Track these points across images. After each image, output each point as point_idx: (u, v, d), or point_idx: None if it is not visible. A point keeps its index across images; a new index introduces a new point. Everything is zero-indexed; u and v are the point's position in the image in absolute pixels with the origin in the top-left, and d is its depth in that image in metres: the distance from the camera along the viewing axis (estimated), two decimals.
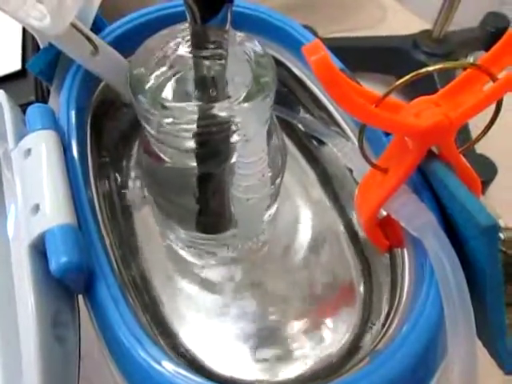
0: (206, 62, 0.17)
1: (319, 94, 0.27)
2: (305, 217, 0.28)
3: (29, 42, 0.39)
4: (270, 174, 0.22)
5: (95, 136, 0.26)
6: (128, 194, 0.27)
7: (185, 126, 0.18)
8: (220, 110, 0.18)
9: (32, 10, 0.22)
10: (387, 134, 0.22)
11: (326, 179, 0.29)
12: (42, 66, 0.25)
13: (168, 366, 0.16)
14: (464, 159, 0.19)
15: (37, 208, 0.18)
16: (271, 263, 0.27)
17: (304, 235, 0.27)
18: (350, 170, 0.27)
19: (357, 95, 0.16)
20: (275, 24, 0.27)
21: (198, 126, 0.18)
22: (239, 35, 0.19)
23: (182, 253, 0.26)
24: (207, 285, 0.26)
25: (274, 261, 0.27)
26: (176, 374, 0.16)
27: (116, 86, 0.27)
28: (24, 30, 0.39)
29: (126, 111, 0.29)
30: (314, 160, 0.29)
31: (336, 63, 0.25)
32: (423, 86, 0.24)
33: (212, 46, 0.17)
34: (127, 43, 0.26)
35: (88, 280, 0.18)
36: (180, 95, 0.18)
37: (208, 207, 0.24)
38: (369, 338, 0.22)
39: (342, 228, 0.27)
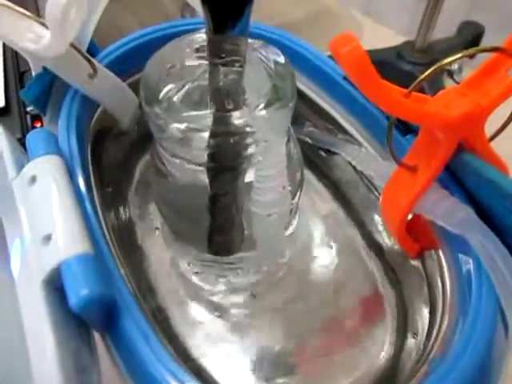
0: (223, 70, 0.17)
1: (323, 105, 0.26)
2: (321, 233, 0.27)
3: (11, 78, 0.37)
4: (289, 188, 0.20)
5: (96, 166, 0.24)
6: (135, 224, 0.25)
7: (199, 135, 0.17)
8: (236, 118, 0.17)
9: (27, 32, 0.21)
10: (405, 134, 0.21)
11: (338, 192, 0.28)
12: (36, 92, 0.23)
13: None
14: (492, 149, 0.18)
15: (48, 238, 0.16)
16: (290, 285, 0.25)
17: (322, 252, 0.26)
18: (362, 179, 0.26)
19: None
20: (271, 37, 0.27)
21: (211, 135, 0.17)
22: (257, 43, 0.18)
23: (195, 280, 0.24)
24: (224, 313, 0.24)
25: (293, 283, 0.25)
26: None
27: (114, 110, 0.25)
28: (5, 67, 0.38)
29: (123, 139, 0.28)
30: (322, 174, 0.29)
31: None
32: None
33: (229, 54, 0.17)
34: (123, 66, 0.25)
35: (110, 315, 0.16)
36: (195, 104, 0.17)
37: (220, 228, 0.22)
38: (409, 351, 0.21)
39: (360, 239, 0.26)
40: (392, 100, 0.15)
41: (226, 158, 0.18)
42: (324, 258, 0.26)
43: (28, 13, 0.20)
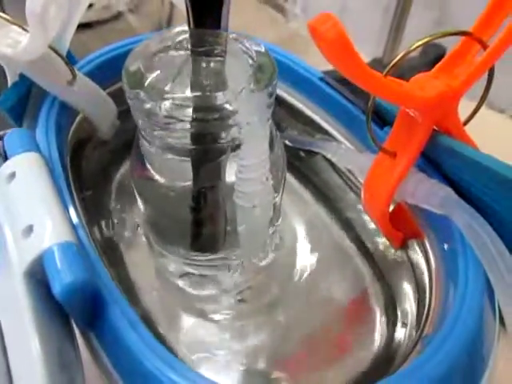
0: (204, 59, 0.17)
1: (300, 107, 0.27)
2: (305, 235, 0.27)
3: None
4: (272, 182, 0.21)
5: (75, 172, 0.24)
6: (116, 228, 0.25)
7: (184, 112, 0.17)
8: (218, 99, 0.17)
9: (4, 38, 0.21)
10: (383, 127, 0.22)
11: (320, 193, 0.28)
12: (12, 101, 0.23)
13: None
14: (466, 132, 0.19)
15: (29, 230, 0.15)
16: (276, 289, 0.25)
17: (307, 254, 0.26)
18: (343, 179, 0.27)
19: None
20: None
21: (194, 110, 0.17)
22: (240, 36, 0.18)
23: (181, 283, 0.24)
24: (212, 318, 0.23)
25: (279, 286, 0.25)
26: None
27: (93, 118, 0.25)
28: None
29: (102, 148, 0.27)
30: (303, 177, 0.29)
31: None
32: None
33: (210, 44, 0.17)
34: (102, 76, 0.26)
35: (95, 307, 0.16)
36: (178, 90, 0.17)
37: (204, 225, 0.22)
38: (399, 339, 0.20)
39: (344, 239, 0.26)
40: (373, 78, 0.16)
41: (209, 139, 0.18)
42: (309, 259, 0.26)
43: (5, 15, 0.20)
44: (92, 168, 0.26)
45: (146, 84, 0.17)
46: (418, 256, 0.21)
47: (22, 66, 0.22)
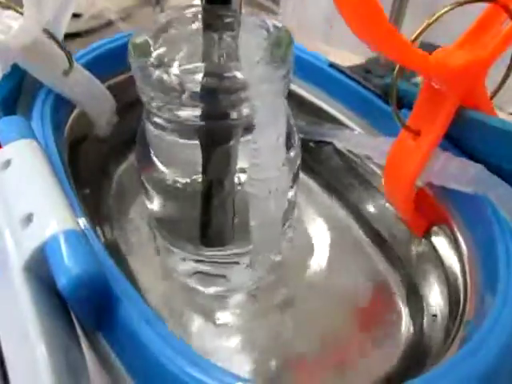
0: (217, 34, 0.16)
1: (307, 95, 0.26)
2: (318, 228, 0.25)
3: None
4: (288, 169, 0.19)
5: (72, 172, 0.22)
6: (119, 226, 0.23)
7: (193, 77, 0.16)
8: (230, 68, 0.16)
9: None
10: (400, 108, 0.21)
11: (330, 185, 0.27)
12: (4, 94, 0.22)
13: None
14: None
15: (28, 219, 0.14)
16: (290, 285, 0.23)
17: (321, 248, 0.24)
18: (353, 168, 0.26)
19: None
20: None
21: (204, 85, 0.15)
22: (253, 11, 0.17)
23: (189, 283, 0.22)
24: (221, 317, 0.22)
25: (293, 282, 0.23)
26: None
27: (91, 112, 0.24)
28: None
29: (100, 145, 0.26)
30: (312, 169, 0.28)
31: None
32: None
33: (222, 18, 0.16)
34: (100, 68, 0.24)
35: (104, 305, 0.14)
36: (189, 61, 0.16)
37: (212, 217, 0.21)
38: (432, 332, 0.19)
39: (359, 231, 0.25)
40: (400, 44, 0.14)
41: (219, 114, 0.16)
42: (323, 253, 0.24)
43: None
44: (90, 166, 0.25)
45: (153, 55, 0.16)
46: (444, 243, 0.20)
47: (14, 54, 0.20)
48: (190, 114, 0.16)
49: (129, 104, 0.27)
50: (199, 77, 0.15)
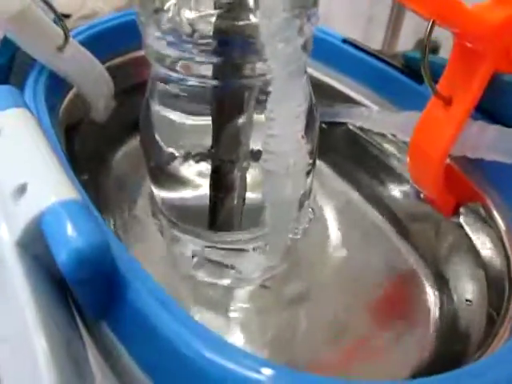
0: None
1: (318, 76, 0.24)
2: (334, 214, 0.24)
3: None
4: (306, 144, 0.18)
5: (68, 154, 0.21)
6: (123, 217, 0.21)
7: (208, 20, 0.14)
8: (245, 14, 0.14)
9: None
10: (422, 81, 0.20)
11: (343, 169, 0.25)
12: None
13: (266, 372, 0.10)
14: None
15: (22, 190, 0.12)
16: (305, 275, 0.22)
17: (338, 235, 0.23)
18: (368, 149, 0.24)
19: None
20: None
21: (214, 29, 0.14)
22: None
23: (196, 274, 0.20)
24: (232, 309, 0.20)
25: (309, 271, 0.22)
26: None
27: (88, 92, 0.22)
28: None
29: (98, 131, 0.24)
30: (322, 153, 0.26)
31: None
32: None
33: None
34: (96, 49, 0.22)
35: (108, 286, 0.12)
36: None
37: (223, 201, 0.19)
38: (468, 319, 0.17)
39: (377, 215, 0.23)
40: None
41: (233, 69, 0.15)
42: (340, 240, 0.22)
43: None
44: (87, 151, 0.23)
45: (164, 7, 0.14)
46: (476, 222, 0.18)
47: (3, 27, 0.19)
48: (202, 72, 0.14)
49: (128, 89, 0.25)
50: (212, 20, 0.14)
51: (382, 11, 0.59)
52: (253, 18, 0.14)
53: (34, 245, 0.12)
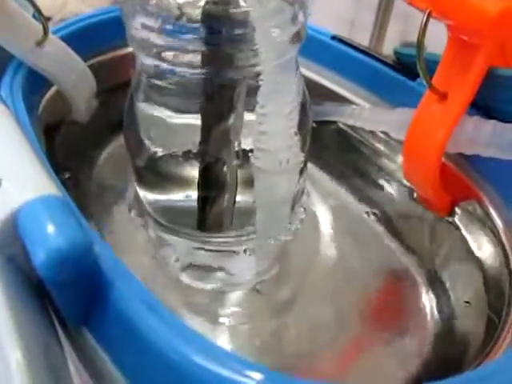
0: None
1: (307, 74, 0.24)
2: (326, 215, 0.23)
3: None
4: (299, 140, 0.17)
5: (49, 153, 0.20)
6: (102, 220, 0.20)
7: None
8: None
9: None
10: (415, 77, 0.19)
11: (332, 168, 0.25)
12: None
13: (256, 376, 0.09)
14: None
15: None
16: (298, 277, 0.21)
17: (332, 236, 0.22)
18: (356, 148, 0.23)
19: None
20: None
21: (203, 12, 0.14)
22: None
23: (184, 278, 0.19)
24: (220, 316, 0.19)
25: (302, 274, 0.21)
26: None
27: (68, 90, 0.21)
28: None
29: (78, 130, 0.23)
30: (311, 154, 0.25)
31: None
32: None
33: None
34: (77, 46, 0.21)
35: (90, 289, 0.11)
36: None
37: (212, 200, 0.18)
38: (466, 322, 0.17)
39: (369, 216, 0.23)
40: None
41: (222, 58, 0.14)
42: (332, 241, 0.22)
43: None
44: (68, 152, 0.22)
45: None
46: (472, 221, 0.18)
47: None
48: (191, 60, 0.14)
49: (112, 88, 0.24)
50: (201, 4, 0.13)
51: (366, 16, 0.60)
52: (243, 4, 0.13)
53: (9, 245, 0.11)
